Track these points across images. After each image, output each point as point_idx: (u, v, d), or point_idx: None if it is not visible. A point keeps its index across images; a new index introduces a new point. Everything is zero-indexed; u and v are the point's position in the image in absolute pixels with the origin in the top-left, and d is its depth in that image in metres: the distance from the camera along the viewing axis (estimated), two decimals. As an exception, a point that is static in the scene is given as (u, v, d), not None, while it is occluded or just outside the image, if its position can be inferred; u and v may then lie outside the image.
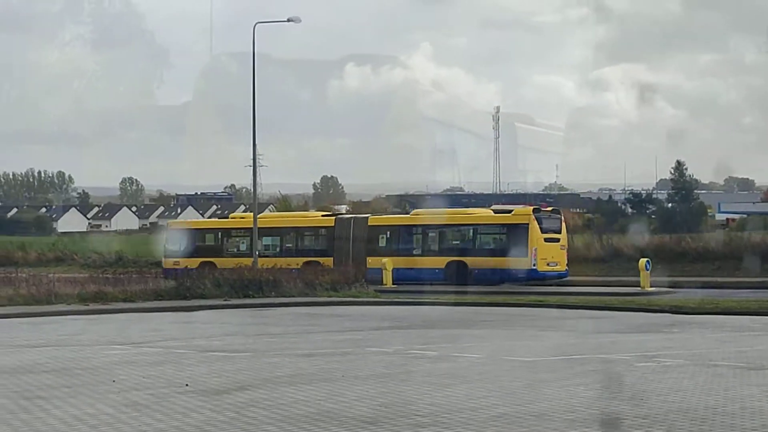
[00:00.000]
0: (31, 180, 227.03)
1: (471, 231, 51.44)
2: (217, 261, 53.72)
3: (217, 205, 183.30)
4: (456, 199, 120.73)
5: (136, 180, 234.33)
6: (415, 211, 58.00)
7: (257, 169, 58.76)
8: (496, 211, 53.41)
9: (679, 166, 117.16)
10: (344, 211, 65.57)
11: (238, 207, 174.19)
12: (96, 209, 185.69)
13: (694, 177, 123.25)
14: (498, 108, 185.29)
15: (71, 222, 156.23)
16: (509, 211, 52.43)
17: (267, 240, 55.30)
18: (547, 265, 48.73)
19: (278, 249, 55.29)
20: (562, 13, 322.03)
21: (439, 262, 49.89)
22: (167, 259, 56.68)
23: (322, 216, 57.96)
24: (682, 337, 29.07)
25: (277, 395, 17.89)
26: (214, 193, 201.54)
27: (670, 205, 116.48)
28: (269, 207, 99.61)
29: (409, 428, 14.77)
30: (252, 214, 53.66)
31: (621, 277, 52.52)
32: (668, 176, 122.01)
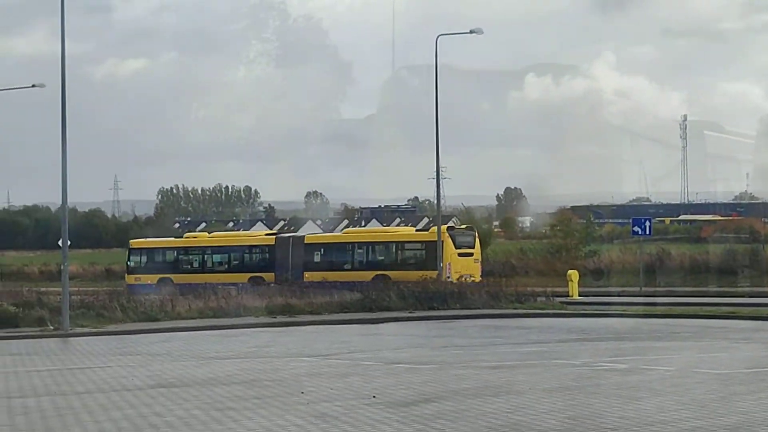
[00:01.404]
0: (218, 195, 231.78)
1: (394, 247, 56.33)
2: (174, 277, 57.27)
3: (401, 218, 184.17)
4: (642, 209, 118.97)
5: (320, 193, 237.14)
6: (346, 230, 65.19)
7: (441, 182, 58.95)
8: (417, 230, 62.32)
9: None
10: (528, 223, 68.69)
11: (422, 219, 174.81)
12: (282, 223, 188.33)
13: None
14: (685, 116, 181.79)
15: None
16: (427, 230, 59.78)
17: (217, 257, 60.32)
18: (461, 277, 51.81)
19: (227, 265, 59.74)
20: (746, 20, 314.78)
21: (367, 275, 53.24)
22: (129, 276, 60.48)
23: (265, 235, 62.88)
24: None
25: (464, 407, 17.81)
26: (398, 205, 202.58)
27: None
28: (453, 219, 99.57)
29: (599, 442, 14.52)
30: (204, 233, 63.00)
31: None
32: None
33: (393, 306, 42.97)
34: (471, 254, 54.64)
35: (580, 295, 49.61)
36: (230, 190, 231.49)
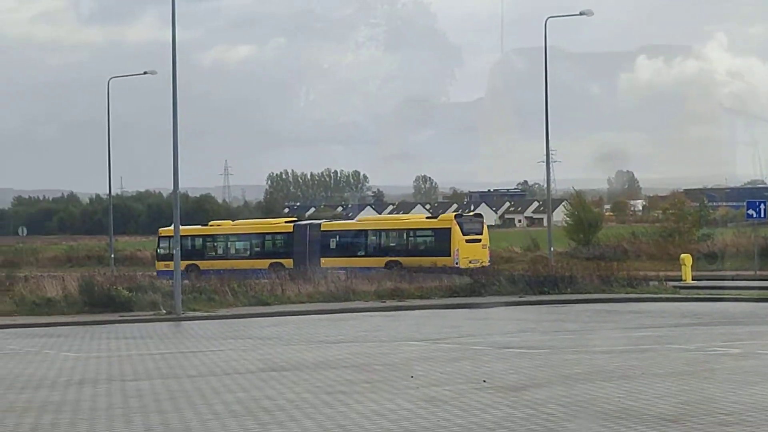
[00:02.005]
0: (327, 179, 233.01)
1: (405, 234, 57.71)
2: (200, 263, 59.09)
3: (510, 202, 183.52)
4: (757, 192, 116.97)
5: (429, 178, 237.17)
6: (360, 218, 66.96)
7: (550, 165, 58.56)
8: (428, 218, 63.11)
9: None
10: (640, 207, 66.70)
11: (531, 204, 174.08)
12: (390, 207, 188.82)
13: None
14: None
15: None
16: (436, 217, 61.82)
17: (239, 244, 61.85)
18: (470, 262, 52.93)
19: (249, 252, 61.19)
20: None
21: (380, 262, 54.85)
22: (159, 262, 61.48)
23: (285, 222, 64.27)
24: None
25: (575, 392, 17.64)
26: (507, 189, 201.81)
27: None
28: (563, 203, 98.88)
29: (714, 427, 14.28)
30: (228, 221, 65.05)
31: None
32: None
33: (503, 290, 42.79)
34: (479, 240, 55.88)
35: (693, 279, 48.99)
36: (339, 174, 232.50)
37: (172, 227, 65.72)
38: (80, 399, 18.47)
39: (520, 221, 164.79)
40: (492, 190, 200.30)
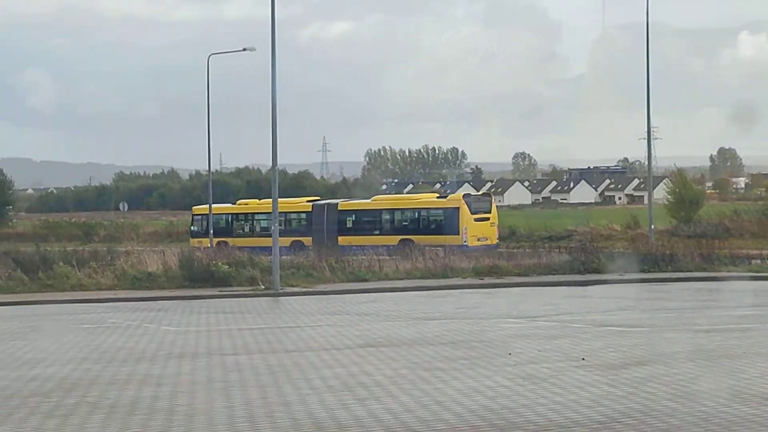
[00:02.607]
0: (425, 156, 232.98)
1: (416, 214, 59.97)
2: (229, 240, 60.83)
3: (610, 179, 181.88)
4: None
5: (528, 155, 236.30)
6: (375, 197, 67.01)
7: (651, 142, 57.87)
8: (438, 197, 64.16)
9: None
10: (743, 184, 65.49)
11: (632, 181, 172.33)
12: (489, 184, 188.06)
13: None
14: None
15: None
16: (445, 197, 64.35)
17: (264, 222, 62.53)
18: (477, 240, 55.63)
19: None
20: None
21: (393, 240, 56.40)
22: (192, 239, 64.96)
23: (306, 202, 65.93)
24: None
25: (675, 371, 17.43)
26: (608, 167, 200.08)
27: None
28: (664, 180, 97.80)
29: (819, 409, 14.00)
30: (254, 200, 66.84)
31: None
32: None
33: (602, 268, 42.42)
34: (487, 219, 57.89)
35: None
36: (437, 151, 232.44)
37: (204, 206, 69.94)
38: (180, 372, 18.66)
39: (620, 199, 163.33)
40: (592, 167, 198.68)
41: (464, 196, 59.64)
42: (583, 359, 18.95)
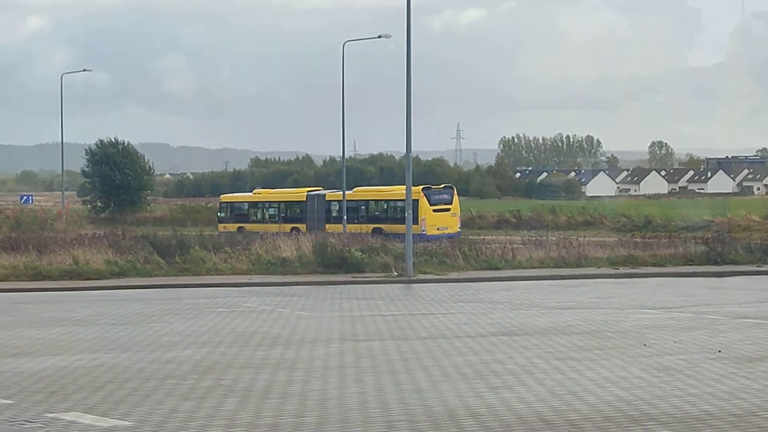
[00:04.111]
0: (560, 144, 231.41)
1: (386, 205, 65.49)
2: (246, 226, 64.76)
3: (749, 169, 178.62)
4: None
5: (665, 144, 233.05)
6: (356, 189, 70.40)
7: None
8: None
9: None
10: None
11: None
12: (624, 173, 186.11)
13: None
14: None
15: (599, 186, 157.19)
16: None
17: (271, 210, 69.31)
18: (437, 229, 60.35)
19: (277, 217, 67.92)
20: None
21: (368, 228, 60.20)
22: (219, 225, 69.21)
23: (307, 192, 70.92)
24: None
25: (816, 366, 17.05)
26: (746, 156, 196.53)
27: None
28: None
29: None
30: (268, 189, 74.26)
31: None
32: None
33: (740, 259, 41.70)
34: (447, 210, 62.87)
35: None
36: (571, 139, 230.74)
37: (231, 194, 75.60)
38: (313, 357, 18.81)
39: (758, 189, 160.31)
40: (730, 156, 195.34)
41: (423, 188, 62.93)
42: (719, 351, 18.66)
